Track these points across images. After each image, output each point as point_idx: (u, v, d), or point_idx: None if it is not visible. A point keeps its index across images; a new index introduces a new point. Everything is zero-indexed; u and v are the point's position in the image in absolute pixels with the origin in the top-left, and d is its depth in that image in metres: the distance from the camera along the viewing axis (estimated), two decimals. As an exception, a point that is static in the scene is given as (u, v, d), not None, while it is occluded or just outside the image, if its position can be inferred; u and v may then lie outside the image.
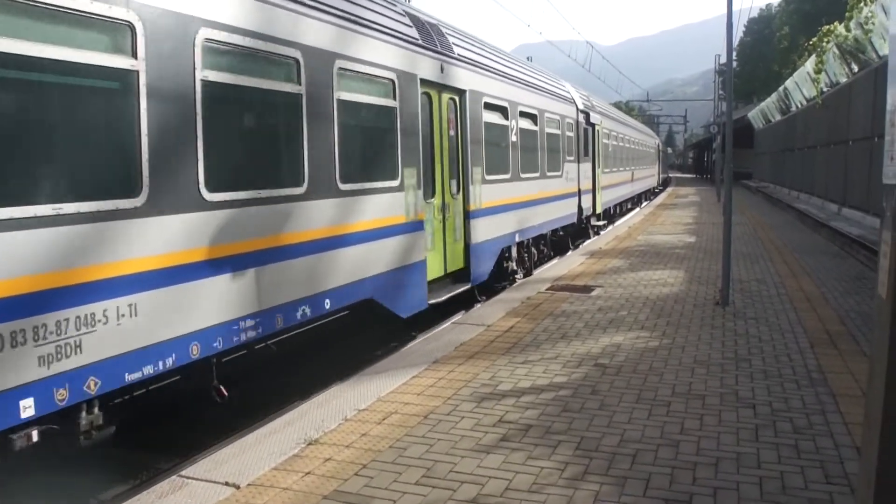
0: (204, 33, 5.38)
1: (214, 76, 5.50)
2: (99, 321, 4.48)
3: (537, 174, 14.24)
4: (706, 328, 8.17)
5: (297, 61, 6.51)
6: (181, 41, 5.17)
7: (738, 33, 73.69)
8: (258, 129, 6.37)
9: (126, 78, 4.76)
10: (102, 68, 4.61)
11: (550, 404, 5.68)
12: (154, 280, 4.92)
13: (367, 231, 7.64)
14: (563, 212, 16.56)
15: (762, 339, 7.63)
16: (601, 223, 21.56)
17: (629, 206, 33.29)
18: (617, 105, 56.06)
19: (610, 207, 25.13)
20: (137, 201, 4.82)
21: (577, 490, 4.19)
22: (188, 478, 4.47)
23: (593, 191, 20.04)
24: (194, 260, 5.28)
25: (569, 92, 18.11)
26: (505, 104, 12.27)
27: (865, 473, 2.63)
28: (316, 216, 6.74)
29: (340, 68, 7.15)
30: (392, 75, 8.20)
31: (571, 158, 17.34)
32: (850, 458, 4.56)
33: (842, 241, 16.35)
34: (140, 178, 4.84)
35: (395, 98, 8.27)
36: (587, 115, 19.26)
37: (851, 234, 16.14)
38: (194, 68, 5.29)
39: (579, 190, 18.09)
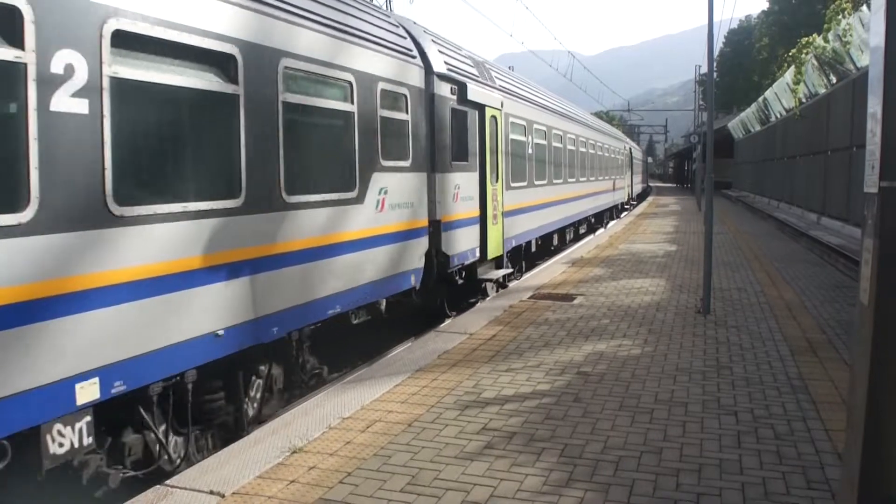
0: None
1: None
2: None
3: (230, 201, 5.72)
4: (688, 336, 8.23)
5: None
6: None
7: (718, 44, 74.61)
8: None
9: None
10: None
11: (534, 412, 5.70)
12: None
13: None
14: (369, 274, 8.14)
15: (743, 347, 7.69)
16: (503, 272, 12.77)
17: (581, 232, 24.50)
18: (598, 114, 55.55)
19: (532, 241, 15.74)
20: None
21: (562, 497, 4.20)
22: (173, 487, 4.44)
23: (481, 221, 11.79)
24: None
25: (405, 35, 9.80)
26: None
27: (849, 478, 2.67)
28: None
29: None
30: None
31: (405, 164, 9.13)
32: (830, 464, 4.61)
33: (821, 250, 16.56)
34: None
35: None
36: (461, 88, 10.83)
37: (831, 244, 16.37)
38: None
39: (436, 222, 10.01)
